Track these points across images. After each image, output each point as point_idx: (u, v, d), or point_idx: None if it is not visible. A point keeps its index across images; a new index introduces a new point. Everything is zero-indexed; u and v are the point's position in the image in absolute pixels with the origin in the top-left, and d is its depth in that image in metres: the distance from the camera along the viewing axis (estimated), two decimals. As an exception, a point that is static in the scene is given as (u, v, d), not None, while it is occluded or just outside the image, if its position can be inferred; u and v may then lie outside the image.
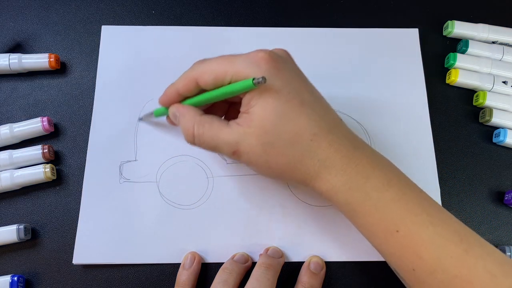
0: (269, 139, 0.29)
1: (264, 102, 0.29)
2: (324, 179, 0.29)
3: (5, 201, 0.39)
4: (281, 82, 0.29)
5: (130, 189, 0.39)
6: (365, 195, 0.28)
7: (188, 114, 0.32)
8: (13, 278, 0.35)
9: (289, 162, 0.29)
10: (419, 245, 0.27)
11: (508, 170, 0.41)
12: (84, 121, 0.41)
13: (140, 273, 0.37)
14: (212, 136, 0.30)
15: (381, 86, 0.43)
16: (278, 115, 0.28)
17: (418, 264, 0.27)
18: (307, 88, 0.31)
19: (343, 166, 0.29)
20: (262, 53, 0.29)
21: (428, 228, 0.27)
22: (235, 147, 0.30)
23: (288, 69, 0.30)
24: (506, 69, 0.42)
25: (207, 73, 0.30)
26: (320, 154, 0.29)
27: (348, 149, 0.29)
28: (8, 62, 0.41)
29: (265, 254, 0.36)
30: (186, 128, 0.32)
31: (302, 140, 0.29)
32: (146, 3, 0.46)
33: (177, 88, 0.32)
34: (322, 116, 0.30)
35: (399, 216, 0.28)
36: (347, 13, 0.46)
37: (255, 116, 0.29)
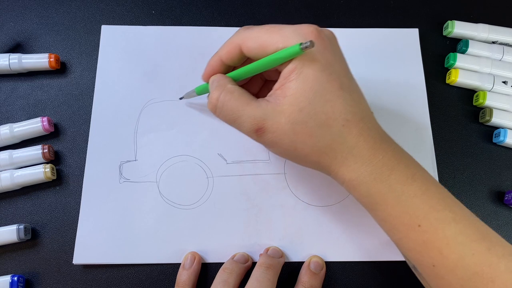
0: (301, 117, 0.28)
1: (305, 76, 0.27)
2: (350, 167, 0.29)
3: (5, 201, 0.39)
4: (325, 60, 0.28)
5: (130, 189, 0.39)
6: (388, 187, 0.28)
7: (222, 80, 0.31)
8: (13, 278, 0.35)
9: (318, 145, 0.28)
10: (441, 241, 0.27)
11: (508, 170, 0.41)
12: (84, 121, 0.41)
13: (140, 273, 0.37)
14: (238, 106, 0.29)
15: (381, 86, 0.43)
16: (316, 93, 0.27)
17: (438, 260, 0.27)
18: (347, 72, 0.30)
19: (370, 157, 0.28)
20: (312, 28, 0.28)
21: (450, 225, 0.27)
22: (261, 123, 0.28)
23: (333, 50, 0.29)
24: (506, 69, 0.42)
25: (252, 39, 0.29)
26: (349, 141, 0.28)
27: (376, 140, 0.29)
28: (8, 62, 0.41)
29: (265, 254, 0.36)
30: (213, 93, 0.30)
31: (335, 124, 0.28)
32: (146, 3, 0.46)
33: (220, 55, 0.32)
34: (357, 104, 0.29)
35: (421, 210, 0.27)
36: (347, 13, 0.46)
37: (291, 91, 0.28)
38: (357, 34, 0.45)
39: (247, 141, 0.40)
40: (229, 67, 0.33)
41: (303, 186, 0.39)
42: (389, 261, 0.37)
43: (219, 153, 0.40)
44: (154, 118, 0.41)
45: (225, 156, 0.40)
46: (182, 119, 0.41)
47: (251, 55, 0.30)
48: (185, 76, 0.42)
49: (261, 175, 0.39)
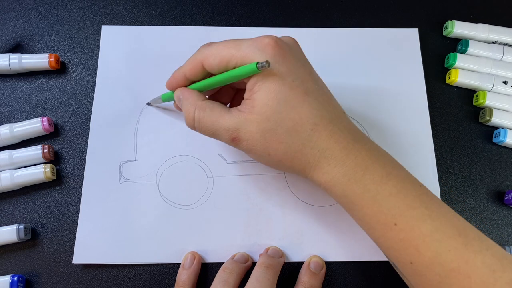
0: (270, 126, 0.29)
1: (267, 88, 0.29)
2: (323, 169, 0.29)
3: (5, 201, 0.39)
4: (286, 69, 0.29)
5: (130, 189, 0.39)
6: (363, 187, 0.28)
7: (191, 98, 0.32)
8: (13, 278, 0.35)
9: (289, 150, 0.29)
10: (417, 238, 0.27)
11: (508, 170, 0.41)
12: (84, 121, 0.41)
13: (140, 273, 0.37)
14: (212, 121, 0.30)
15: (381, 86, 0.43)
16: (280, 102, 0.28)
17: (416, 258, 0.27)
18: (312, 77, 0.31)
19: (343, 158, 0.29)
20: (268, 39, 0.29)
21: (426, 222, 0.27)
22: (235, 133, 0.30)
23: (294, 57, 0.30)
24: (506, 69, 0.42)
25: (213, 56, 0.30)
26: (320, 145, 0.29)
27: (348, 141, 0.29)
28: (8, 62, 0.41)
29: (265, 254, 0.36)
30: (187, 111, 0.32)
31: (303, 129, 0.29)
32: (146, 3, 0.46)
33: (184, 71, 0.33)
34: (325, 106, 0.30)
35: (397, 209, 0.28)
36: (347, 13, 0.46)
37: (257, 102, 0.29)
38: (357, 34, 0.45)
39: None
40: (191, 81, 0.34)
41: (303, 186, 0.39)
42: (388, 261, 0.37)
43: (219, 153, 0.40)
44: (154, 118, 0.41)
45: (225, 156, 0.40)
46: (182, 119, 0.41)
47: (213, 71, 0.31)
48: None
49: (261, 175, 0.39)
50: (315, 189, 0.39)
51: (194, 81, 0.33)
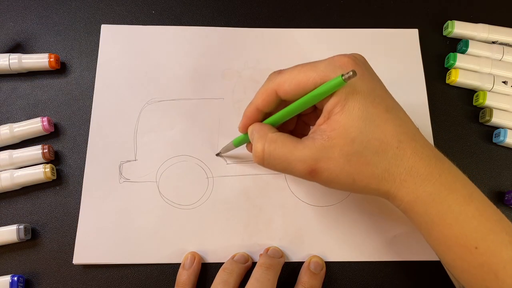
0: (355, 148, 0.27)
1: (350, 107, 0.27)
2: (409, 188, 0.28)
3: (5, 201, 0.39)
4: (366, 86, 0.28)
5: (130, 189, 0.39)
6: (447, 207, 0.27)
7: (261, 131, 0.30)
8: (13, 278, 0.35)
9: (376, 172, 0.28)
10: (498, 264, 0.26)
11: (508, 170, 0.41)
12: (84, 121, 0.41)
13: (140, 273, 0.37)
14: (285, 153, 0.29)
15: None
16: (365, 121, 0.27)
17: (493, 283, 0.26)
18: (388, 94, 0.30)
19: (428, 176, 0.28)
20: (345, 57, 0.28)
21: (507, 247, 0.26)
22: (313, 165, 0.28)
23: (371, 75, 0.29)
24: (506, 69, 0.42)
25: (287, 82, 0.29)
26: (406, 162, 0.28)
27: (431, 158, 0.28)
28: (8, 62, 0.41)
29: (265, 254, 0.36)
30: (256, 144, 0.30)
31: (389, 147, 0.27)
32: (146, 3, 0.46)
33: (256, 105, 0.31)
34: (406, 123, 0.29)
35: (479, 232, 0.27)
36: (347, 13, 0.46)
37: (338, 124, 0.27)
38: (357, 34, 0.45)
39: (247, 141, 0.40)
40: (265, 114, 0.32)
41: (303, 186, 0.39)
42: (389, 261, 0.37)
43: (218, 153, 0.40)
44: (154, 118, 0.41)
45: (225, 156, 0.40)
46: (182, 119, 0.41)
47: (288, 98, 0.29)
48: (185, 76, 0.43)
49: (261, 175, 0.39)
50: (315, 189, 0.39)
51: (267, 114, 0.32)
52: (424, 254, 0.37)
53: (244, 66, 0.43)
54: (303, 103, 0.29)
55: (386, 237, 0.38)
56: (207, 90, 0.42)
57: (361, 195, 0.39)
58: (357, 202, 0.39)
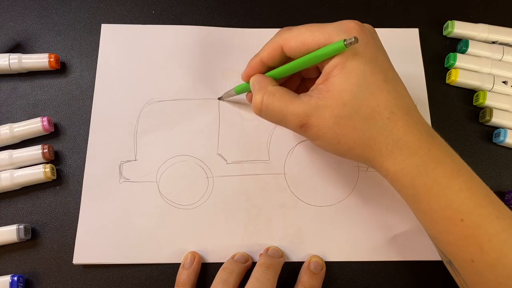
0: (345, 111, 0.28)
1: (348, 71, 0.28)
2: (396, 159, 0.29)
3: (5, 201, 0.39)
4: (369, 54, 0.28)
5: (130, 189, 0.39)
6: (433, 180, 0.28)
7: (262, 83, 0.32)
8: (13, 278, 0.35)
9: (362, 138, 0.29)
10: (483, 237, 0.26)
11: (508, 170, 0.41)
12: (84, 121, 0.41)
13: (140, 273, 0.37)
14: (281, 106, 0.30)
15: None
16: (360, 87, 0.28)
17: (478, 256, 0.27)
18: (390, 66, 0.30)
19: (416, 149, 0.28)
20: (354, 23, 0.29)
21: (493, 221, 0.27)
22: (305, 119, 0.29)
23: (376, 44, 0.30)
24: (506, 69, 0.42)
25: (294, 38, 0.30)
26: (395, 134, 0.28)
27: (422, 133, 0.29)
28: (8, 62, 0.41)
29: (265, 254, 0.36)
30: (255, 96, 0.31)
31: (380, 117, 0.28)
32: (146, 3, 0.46)
33: (261, 57, 0.32)
34: (402, 97, 0.29)
35: (466, 205, 0.27)
36: (347, 13, 0.46)
37: (334, 86, 0.28)
38: (357, 34, 0.45)
39: (247, 141, 0.40)
40: (269, 68, 0.33)
41: (303, 186, 0.39)
42: (388, 261, 0.37)
43: (219, 153, 0.40)
44: (154, 118, 0.41)
45: (225, 156, 0.40)
46: (182, 119, 0.41)
47: (293, 54, 0.30)
48: (185, 76, 0.42)
49: (261, 175, 0.39)
50: (315, 189, 0.39)
51: (271, 67, 0.33)
52: (424, 254, 0.37)
53: (244, 66, 0.43)
54: (305, 62, 0.30)
55: (386, 237, 0.38)
56: (207, 90, 0.42)
57: (361, 194, 0.39)
58: (357, 202, 0.39)
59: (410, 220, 0.38)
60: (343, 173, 0.40)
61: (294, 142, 0.41)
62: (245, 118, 0.41)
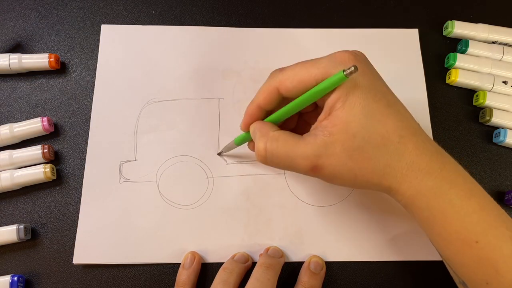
0: (357, 143, 0.27)
1: (352, 103, 0.27)
2: (411, 183, 0.28)
3: (5, 201, 0.39)
4: (367, 82, 0.28)
5: (130, 189, 0.39)
6: (448, 202, 0.27)
7: (263, 129, 0.30)
8: (13, 278, 0.35)
9: (378, 166, 0.28)
10: (498, 258, 0.26)
11: (508, 170, 0.41)
12: (84, 121, 0.41)
13: (140, 273, 0.37)
14: (287, 150, 0.29)
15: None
16: (367, 116, 0.27)
17: (493, 278, 0.26)
18: (389, 90, 0.30)
19: (430, 171, 0.28)
20: (345, 53, 0.29)
21: (507, 242, 0.26)
22: (315, 160, 0.28)
23: (370, 70, 0.29)
24: (506, 69, 0.42)
25: (289, 79, 0.29)
26: (407, 157, 0.28)
27: (432, 153, 0.28)
28: (8, 62, 0.41)
29: (265, 254, 0.36)
30: (258, 143, 0.30)
31: (390, 142, 0.28)
32: (146, 3, 0.46)
33: (258, 103, 0.31)
34: (407, 118, 0.29)
35: (480, 227, 0.27)
36: (347, 13, 0.46)
37: (339, 120, 0.27)
38: (357, 34, 0.45)
39: (247, 141, 0.40)
40: (267, 112, 0.32)
41: (303, 186, 0.39)
42: (388, 261, 0.37)
43: (219, 153, 0.40)
44: (154, 118, 0.41)
45: (225, 156, 0.40)
46: (182, 119, 0.41)
47: (290, 95, 0.30)
48: (185, 76, 0.42)
49: (261, 175, 0.39)
50: (315, 189, 0.39)
51: (269, 112, 0.32)
52: (424, 254, 0.37)
53: (244, 66, 0.43)
54: (305, 100, 0.29)
55: (386, 237, 0.38)
56: (207, 90, 0.42)
57: (361, 194, 0.39)
58: (357, 202, 0.39)
59: (409, 220, 0.38)
60: (343, 173, 0.40)
61: (294, 142, 0.40)
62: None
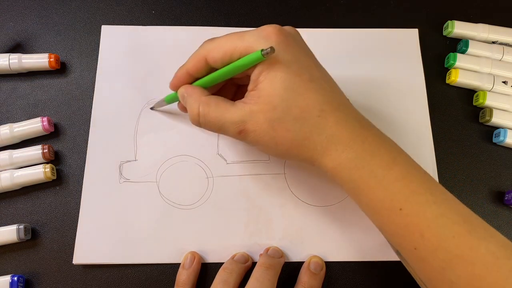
0: (277, 114, 0.29)
1: (273, 76, 0.29)
2: (331, 156, 0.29)
3: (5, 201, 0.39)
4: (290, 56, 0.29)
5: (130, 189, 0.39)
6: (370, 172, 0.28)
7: (195, 94, 0.32)
8: (13, 278, 0.35)
9: (296, 138, 0.29)
10: (422, 223, 0.27)
11: (508, 170, 0.41)
12: (84, 121, 0.41)
13: (140, 273, 0.37)
14: (218, 115, 0.30)
15: (381, 86, 0.43)
16: (287, 89, 0.29)
17: (420, 243, 0.27)
18: (315, 64, 0.31)
19: (350, 143, 0.29)
20: (271, 27, 0.30)
21: (431, 207, 0.27)
22: (242, 126, 0.30)
23: (297, 45, 0.30)
24: (506, 69, 0.42)
25: (216, 49, 0.30)
26: (327, 131, 0.29)
27: (355, 127, 0.29)
28: (8, 62, 0.41)
29: (265, 254, 0.36)
30: (191, 108, 0.32)
31: (310, 116, 0.29)
32: (146, 3, 0.46)
33: (187, 68, 0.33)
34: (330, 93, 0.30)
35: (403, 194, 0.28)
36: (347, 13, 0.46)
37: (263, 92, 0.29)
38: (357, 34, 0.45)
39: (247, 141, 0.40)
40: (195, 78, 0.34)
41: (303, 186, 0.39)
42: (388, 261, 0.37)
43: (219, 153, 0.40)
44: (154, 118, 0.41)
45: (225, 156, 0.40)
46: (182, 119, 0.41)
47: (217, 65, 0.31)
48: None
49: (261, 175, 0.39)
50: (315, 189, 0.39)
51: (197, 78, 0.33)
52: (424, 254, 0.37)
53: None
54: (227, 72, 0.31)
55: (386, 237, 0.38)
56: (207, 90, 0.42)
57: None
58: (357, 202, 0.39)
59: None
60: (343, 173, 0.40)
61: (294, 142, 0.41)
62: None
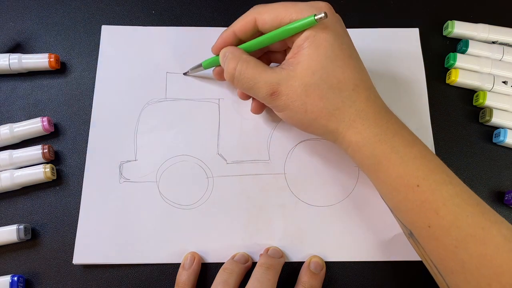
0: (314, 80, 0.30)
1: (318, 42, 0.30)
2: (357, 129, 0.30)
3: (5, 201, 0.39)
4: (337, 31, 0.31)
5: (130, 189, 0.39)
6: (392, 148, 0.30)
7: (236, 52, 0.33)
8: (13, 278, 0.35)
9: (327, 107, 0.30)
10: (438, 201, 0.28)
11: (508, 170, 0.41)
12: (84, 121, 0.41)
13: (140, 273, 0.37)
14: (254, 73, 0.31)
15: (381, 86, 0.43)
16: (328, 58, 0.30)
17: (434, 221, 0.28)
18: (354, 48, 0.33)
19: (376, 120, 0.30)
20: (324, 3, 0.31)
21: (447, 187, 0.28)
22: (275, 87, 0.31)
23: (343, 27, 0.32)
24: (506, 69, 0.42)
25: (268, 12, 0.32)
26: (358, 105, 0.30)
27: (381, 108, 0.31)
28: (8, 62, 0.41)
29: (265, 254, 0.36)
30: (229, 63, 0.33)
31: (345, 87, 0.30)
32: (146, 3, 0.46)
33: (234, 29, 0.34)
34: (364, 74, 0.32)
35: (421, 171, 0.29)
36: (347, 13, 0.46)
37: (304, 57, 0.30)
38: (357, 34, 0.45)
39: (247, 141, 0.40)
40: (240, 41, 0.34)
41: (303, 186, 0.39)
42: (388, 261, 0.37)
43: (219, 153, 0.40)
44: (154, 118, 0.41)
45: (225, 156, 0.40)
46: (182, 119, 0.41)
47: (265, 28, 0.32)
48: (185, 76, 0.42)
49: (261, 175, 0.39)
50: (315, 189, 0.39)
51: (242, 41, 0.34)
52: (424, 254, 0.37)
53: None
54: (277, 35, 0.31)
55: (386, 237, 0.38)
56: (207, 90, 0.42)
57: (361, 194, 0.39)
58: (357, 202, 0.39)
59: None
60: (343, 173, 0.40)
61: (294, 142, 0.41)
62: (245, 117, 0.41)
